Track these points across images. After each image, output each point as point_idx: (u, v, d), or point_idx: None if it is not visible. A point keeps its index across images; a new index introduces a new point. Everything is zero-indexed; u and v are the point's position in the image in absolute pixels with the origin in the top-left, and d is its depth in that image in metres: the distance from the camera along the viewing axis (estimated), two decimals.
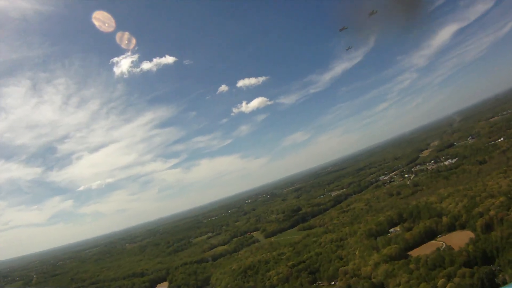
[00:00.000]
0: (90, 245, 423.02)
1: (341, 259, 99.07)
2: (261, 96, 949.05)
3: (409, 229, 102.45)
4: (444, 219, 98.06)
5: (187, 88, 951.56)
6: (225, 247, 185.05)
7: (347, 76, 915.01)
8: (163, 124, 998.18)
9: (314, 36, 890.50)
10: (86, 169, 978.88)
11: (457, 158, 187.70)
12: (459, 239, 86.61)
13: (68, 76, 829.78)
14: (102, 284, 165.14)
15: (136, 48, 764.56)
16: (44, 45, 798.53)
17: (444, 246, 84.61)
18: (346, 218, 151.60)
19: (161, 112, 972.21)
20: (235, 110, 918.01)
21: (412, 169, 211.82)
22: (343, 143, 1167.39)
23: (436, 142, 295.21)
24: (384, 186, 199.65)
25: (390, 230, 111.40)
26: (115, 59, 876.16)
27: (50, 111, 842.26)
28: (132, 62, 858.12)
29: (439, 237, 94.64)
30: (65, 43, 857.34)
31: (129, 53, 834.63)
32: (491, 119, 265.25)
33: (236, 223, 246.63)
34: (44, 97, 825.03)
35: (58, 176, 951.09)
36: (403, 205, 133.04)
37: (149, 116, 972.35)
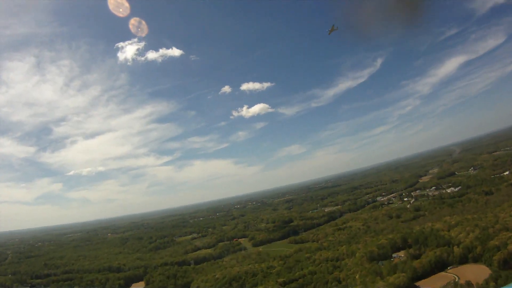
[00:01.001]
0: (73, 229, 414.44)
1: (339, 282, 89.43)
2: (264, 102, 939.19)
3: (416, 256, 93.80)
4: (456, 249, 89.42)
5: (190, 85, 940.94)
6: (209, 250, 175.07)
7: (350, 94, 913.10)
8: (161, 119, 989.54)
9: (322, 51, 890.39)
10: (79, 154, 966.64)
11: (460, 187, 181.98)
12: (473, 273, 78.24)
13: (73, 59, 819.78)
14: (75, 275, 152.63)
15: (144, 35, 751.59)
16: (53, 24, 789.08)
17: (457, 279, 75.82)
18: (342, 236, 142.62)
19: (161, 107, 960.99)
20: (235, 113, 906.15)
21: (412, 193, 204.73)
22: (337, 161, 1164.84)
23: (436, 170, 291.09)
24: (382, 207, 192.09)
25: (393, 255, 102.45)
26: (121, 44, 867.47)
27: (50, 91, 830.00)
28: (137, 49, 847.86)
29: (450, 268, 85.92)
30: (75, 25, 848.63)
31: (135, 40, 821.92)
32: (494, 153, 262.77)
33: (223, 227, 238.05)
34: (46, 76, 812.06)
35: (50, 158, 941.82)
36: (405, 229, 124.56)
37: (148, 109, 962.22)
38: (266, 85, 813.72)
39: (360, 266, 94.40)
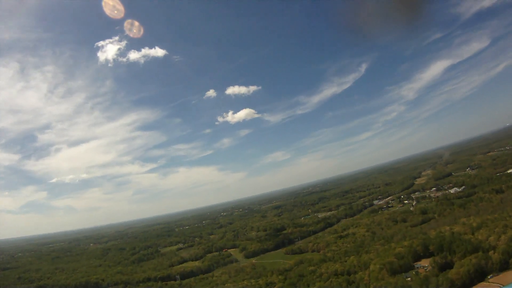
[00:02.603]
0: (56, 239, 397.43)
1: None
2: (249, 107, 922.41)
3: (444, 266, 79.08)
4: (494, 255, 75.14)
5: (174, 91, 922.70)
6: (197, 263, 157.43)
7: (335, 101, 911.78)
8: (146, 127, 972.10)
9: (308, 57, 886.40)
10: (64, 162, 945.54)
11: (464, 187, 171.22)
12: None
13: (57, 65, 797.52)
14: None
15: (125, 33, 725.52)
16: (38, 30, 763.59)
17: None
18: (347, 245, 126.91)
19: (146, 115, 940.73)
20: (220, 119, 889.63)
21: (412, 196, 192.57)
22: (322, 167, 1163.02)
23: (429, 171, 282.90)
24: (381, 211, 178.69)
25: (415, 265, 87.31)
26: (101, 43, 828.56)
27: (35, 98, 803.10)
28: (119, 49, 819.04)
29: (491, 277, 71.32)
30: (59, 31, 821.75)
31: (116, 38, 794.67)
32: (489, 154, 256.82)
33: (211, 236, 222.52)
34: (30, 82, 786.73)
35: (34, 166, 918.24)
36: (419, 234, 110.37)
37: (133, 117, 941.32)
38: (252, 88, 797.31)
39: (381, 280, 78.53)
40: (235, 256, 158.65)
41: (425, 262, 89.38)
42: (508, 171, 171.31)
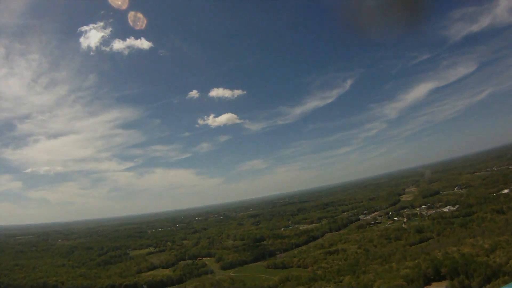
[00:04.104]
0: (27, 231, 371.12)
1: None
2: (232, 112, 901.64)
3: None
4: None
5: (157, 90, 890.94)
6: (167, 271, 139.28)
7: (317, 114, 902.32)
8: (126, 125, 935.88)
9: (294, 68, 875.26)
10: (41, 154, 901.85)
11: (458, 206, 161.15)
12: None
13: (43, 54, 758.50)
14: None
15: (111, 20, 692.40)
16: (26, 16, 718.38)
17: None
18: (338, 262, 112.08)
19: (127, 113, 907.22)
20: (200, 121, 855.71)
21: (402, 212, 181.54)
22: (299, 178, 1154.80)
23: (414, 189, 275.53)
24: (369, 226, 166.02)
25: None
26: (84, 28, 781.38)
27: (17, 86, 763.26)
28: (102, 37, 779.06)
29: None
30: (47, 18, 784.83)
31: (101, 24, 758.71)
32: (476, 174, 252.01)
33: (184, 241, 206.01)
34: (15, 69, 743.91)
35: (11, 155, 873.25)
36: (421, 254, 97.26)
37: (114, 114, 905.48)
38: (237, 93, 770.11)
39: None
40: (211, 266, 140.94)
41: (437, 286, 76.21)
42: (503, 191, 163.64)
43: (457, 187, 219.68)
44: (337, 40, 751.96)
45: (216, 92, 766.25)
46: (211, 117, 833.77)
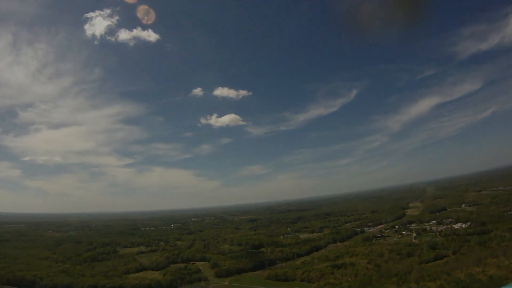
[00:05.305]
0: (19, 219, 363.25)
1: None
2: (235, 113, 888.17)
3: None
4: None
5: (162, 87, 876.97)
6: (157, 274, 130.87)
7: (320, 122, 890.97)
8: (128, 121, 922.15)
9: (301, 75, 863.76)
10: (41, 143, 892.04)
11: (469, 223, 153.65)
12: None
13: (50, 44, 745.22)
14: None
15: (118, 8, 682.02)
16: (36, 5, 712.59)
17: None
18: (348, 278, 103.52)
19: (130, 108, 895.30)
20: (203, 120, 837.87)
21: (410, 227, 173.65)
22: (299, 186, 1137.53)
23: (418, 203, 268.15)
24: (376, 239, 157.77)
25: None
26: (90, 14, 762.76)
27: (22, 74, 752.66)
28: (108, 26, 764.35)
29: None
30: (58, 9, 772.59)
31: (108, 11, 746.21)
32: (482, 192, 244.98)
33: (178, 242, 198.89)
34: (21, 57, 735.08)
35: (12, 142, 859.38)
36: (441, 274, 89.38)
37: (117, 108, 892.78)
38: (242, 93, 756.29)
39: None
40: (205, 272, 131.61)
41: None
42: None
43: (464, 204, 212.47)
44: (345, 49, 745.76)
45: (221, 91, 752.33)
46: (214, 116, 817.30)
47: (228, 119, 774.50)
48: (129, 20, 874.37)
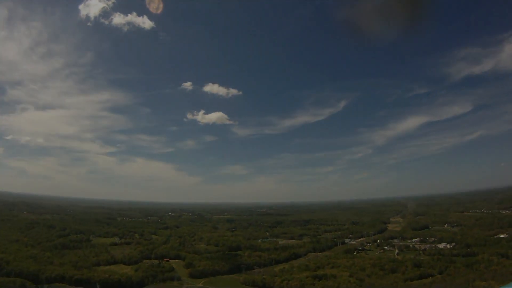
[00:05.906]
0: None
1: None
2: (223, 112, 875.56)
3: None
4: None
5: (152, 77, 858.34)
6: (128, 270, 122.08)
7: (305, 129, 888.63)
8: (115, 109, 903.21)
9: (291, 81, 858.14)
10: (26, 124, 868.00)
11: (454, 244, 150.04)
12: None
13: (45, 23, 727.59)
14: None
15: None
16: None
17: None
18: None
19: (118, 97, 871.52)
20: (189, 116, 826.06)
21: (392, 242, 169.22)
22: (278, 190, 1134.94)
23: (399, 219, 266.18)
24: (357, 252, 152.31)
25: None
26: None
27: (14, 51, 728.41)
28: (103, 9, 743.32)
29: None
30: None
31: None
32: (465, 213, 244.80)
33: (153, 236, 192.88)
34: (14, 34, 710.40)
35: None
36: None
37: (105, 95, 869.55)
38: (232, 92, 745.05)
39: None
40: (178, 271, 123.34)
41: None
42: (501, 235, 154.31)
43: (447, 224, 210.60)
44: (339, 60, 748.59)
45: (211, 88, 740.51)
46: (201, 113, 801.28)
47: (215, 117, 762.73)
48: (125, 4, 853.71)
